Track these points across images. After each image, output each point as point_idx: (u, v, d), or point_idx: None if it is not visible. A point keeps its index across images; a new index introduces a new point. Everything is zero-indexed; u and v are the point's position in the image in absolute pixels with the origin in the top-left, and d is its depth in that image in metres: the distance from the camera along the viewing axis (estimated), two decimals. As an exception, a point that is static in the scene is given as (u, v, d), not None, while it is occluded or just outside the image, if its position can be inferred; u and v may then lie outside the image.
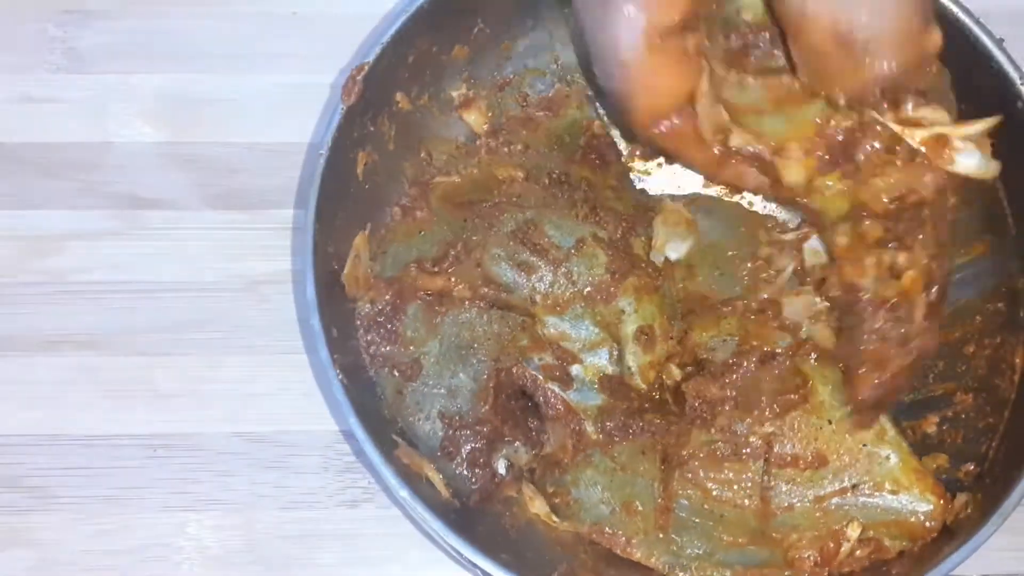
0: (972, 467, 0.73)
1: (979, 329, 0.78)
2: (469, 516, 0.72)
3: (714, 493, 0.73)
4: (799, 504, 0.72)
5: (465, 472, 0.75)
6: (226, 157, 0.90)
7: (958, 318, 0.79)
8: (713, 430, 0.74)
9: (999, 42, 0.74)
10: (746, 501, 0.73)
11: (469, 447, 0.75)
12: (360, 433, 0.68)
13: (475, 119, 0.85)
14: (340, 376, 0.70)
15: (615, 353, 0.79)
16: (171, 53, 0.94)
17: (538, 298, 0.79)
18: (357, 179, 0.78)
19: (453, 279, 0.78)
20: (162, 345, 0.85)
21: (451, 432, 0.76)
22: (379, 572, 0.81)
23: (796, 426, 0.73)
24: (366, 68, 0.74)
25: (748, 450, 0.73)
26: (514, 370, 0.76)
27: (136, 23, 0.95)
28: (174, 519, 0.81)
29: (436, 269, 0.78)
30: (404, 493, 0.67)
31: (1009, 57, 0.74)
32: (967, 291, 0.79)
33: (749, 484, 0.73)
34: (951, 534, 0.70)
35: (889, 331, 0.69)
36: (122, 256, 0.87)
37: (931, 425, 0.77)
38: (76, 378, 0.84)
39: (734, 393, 0.74)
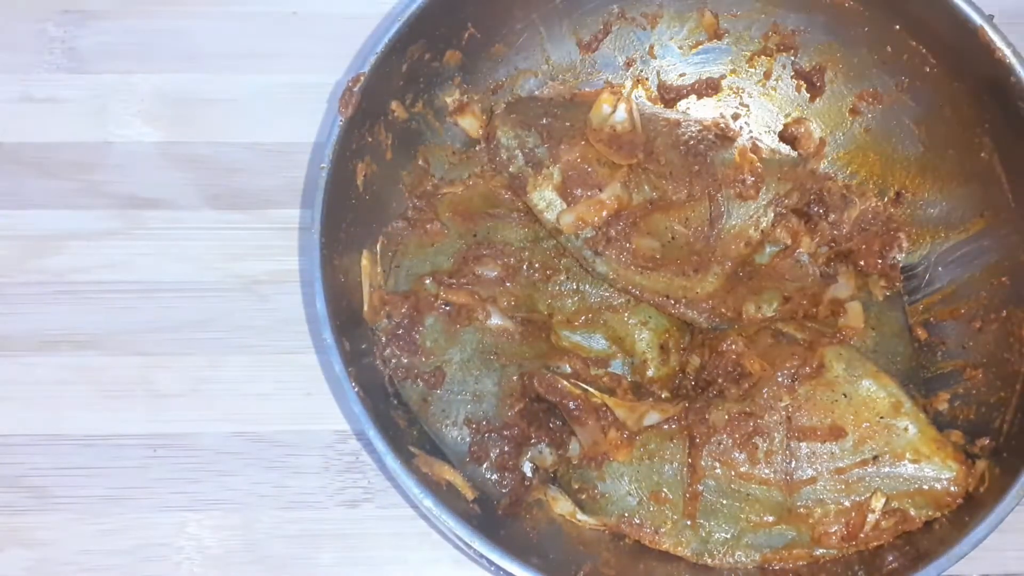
0: (988, 441, 0.74)
1: (984, 304, 0.78)
2: (492, 521, 0.73)
3: (742, 469, 0.73)
4: (821, 477, 0.73)
5: (495, 476, 0.76)
6: (226, 157, 0.90)
7: (963, 295, 0.80)
8: (731, 403, 0.75)
9: (989, 18, 0.74)
10: (771, 473, 0.73)
11: (497, 451, 0.76)
12: (380, 445, 0.68)
13: (470, 124, 0.85)
14: (356, 388, 0.70)
15: (630, 361, 0.80)
16: (171, 53, 0.94)
17: (555, 312, 0.81)
18: (358, 190, 0.78)
19: (477, 295, 0.78)
20: (162, 345, 0.85)
21: (479, 437, 0.76)
22: (379, 572, 0.81)
23: (812, 399, 0.74)
24: (362, 79, 0.74)
25: (769, 422, 0.74)
26: (536, 379, 0.76)
27: (136, 23, 0.95)
28: (174, 519, 0.81)
29: (454, 282, 0.79)
30: (428, 503, 0.67)
31: (1001, 33, 0.74)
32: (970, 267, 0.80)
33: (773, 455, 0.73)
34: (975, 507, 0.70)
35: None
36: (122, 256, 0.87)
37: (942, 402, 0.78)
38: (76, 378, 0.84)
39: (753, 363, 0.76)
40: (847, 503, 0.73)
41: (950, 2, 0.75)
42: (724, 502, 0.74)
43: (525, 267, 0.81)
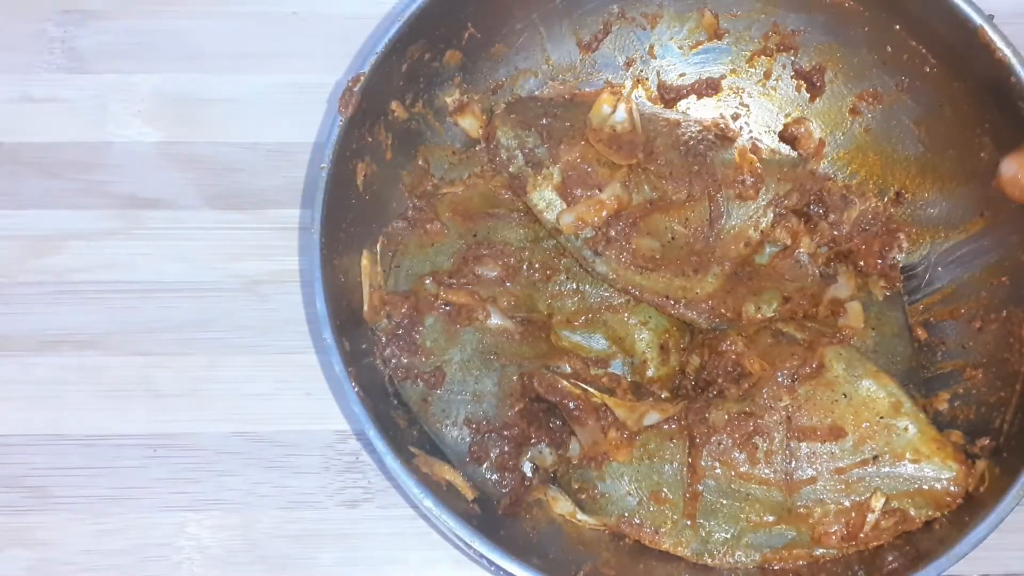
0: (988, 441, 0.74)
1: (984, 304, 0.78)
2: (492, 521, 0.73)
3: (742, 469, 0.73)
4: (821, 477, 0.73)
5: (495, 476, 0.76)
6: (226, 157, 0.90)
7: (962, 295, 0.80)
8: (731, 403, 0.75)
9: (989, 18, 0.75)
10: (771, 473, 0.73)
11: (497, 451, 0.76)
12: (380, 445, 0.68)
13: (470, 124, 0.85)
14: (356, 388, 0.70)
15: (630, 361, 0.80)
16: (171, 53, 0.94)
17: (555, 312, 0.81)
18: (358, 190, 0.78)
19: (478, 295, 0.78)
20: (162, 345, 0.85)
21: (479, 437, 0.76)
22: (379, 572, 0.81)
23: (812, 399, 0.74)
24: (362, 79, 0.74)
25: (769, 422, 0.74)
26: (536, 379, 0.76)
27: (136, 23, 0.95)
28: (174, 519, 0.81)
29: (454, 282, 0.79)
30: (428, 503, 0.67)
31: (1001, 33, 0.74)
32: (970, 267, 0.80)
33: (773, 455, 0.73)
34: (975, 507, 0.70)
35: None
36: (122, 256, 0.87)
37: (942, 402, 0.78)
38: (76, 378, 0.84)
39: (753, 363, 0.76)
40: (847, 503, 0.73)
41: (950, 2, 0.75)
42: (724, 502, 0.74)
43: (525, 267, 0.81)
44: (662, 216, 0.81)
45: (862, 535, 0.72)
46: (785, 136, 0.88)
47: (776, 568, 0.73)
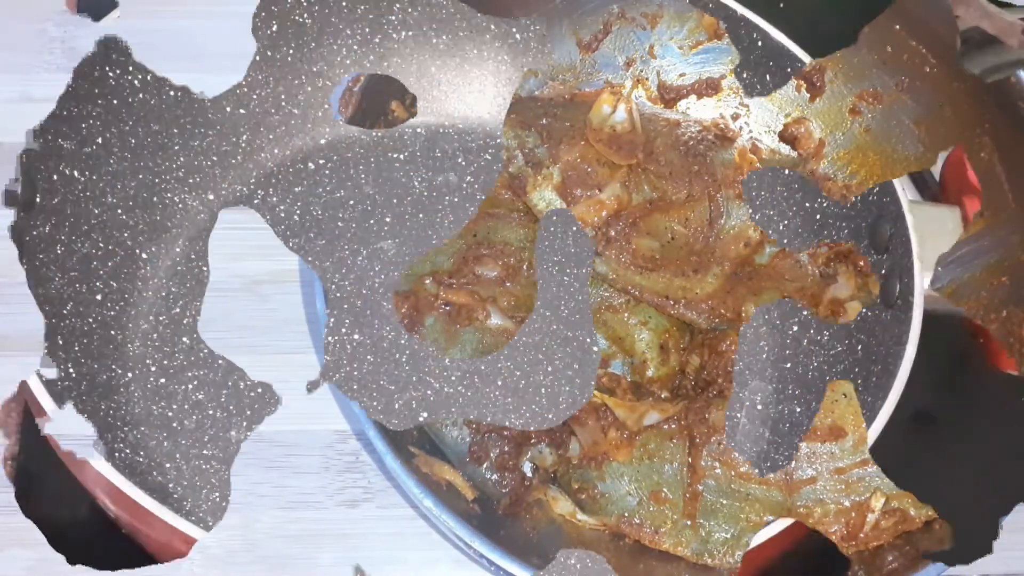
0: None
1: (984, 304, 0.78)
2: (492, 521, 0.73)
3: (742, 469, 0.73)
4: (821, 477, 0.73)
5: (495, 476, 0.76)
6: (226, 157, 0.90)
7: (963, 295, 0.80)
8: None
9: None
10: (771, 474, 0.73)
11: (497, 451, 0.76)
12: (380, 445, 0.68)
13: None
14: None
15: (630, 361, 0.79)
16: (171, 53, 0.94)
17: None
18: None
19: (478, 295, 0.78)
20: (162, 345, 0.85)
21: (479, 437, 0.76)
22: (379, 572, 0.81)
23: None
24: (362, 79, 0.74)
25: None
26: None
27: (136, 23, 0.95)
28: (174, 519, 0.81)
29: (454, 282, 0.79)
30: (428, 503, 0.67)
31: None
32: (970, 267, 0.80)
33: None
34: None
35: None
36: (122, 256, 0.87)
37: None
38: (76, 378, 0.84)
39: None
40: (847, 503, 0.73)
41: (950, 2, 0.75)
42: (724, 502, 0.74)
43: (525, 267, 0.81)
44: (662, 216, 0.81)
45: (862, 535, 0.72)
46: (785, 136, 0.88)
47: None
